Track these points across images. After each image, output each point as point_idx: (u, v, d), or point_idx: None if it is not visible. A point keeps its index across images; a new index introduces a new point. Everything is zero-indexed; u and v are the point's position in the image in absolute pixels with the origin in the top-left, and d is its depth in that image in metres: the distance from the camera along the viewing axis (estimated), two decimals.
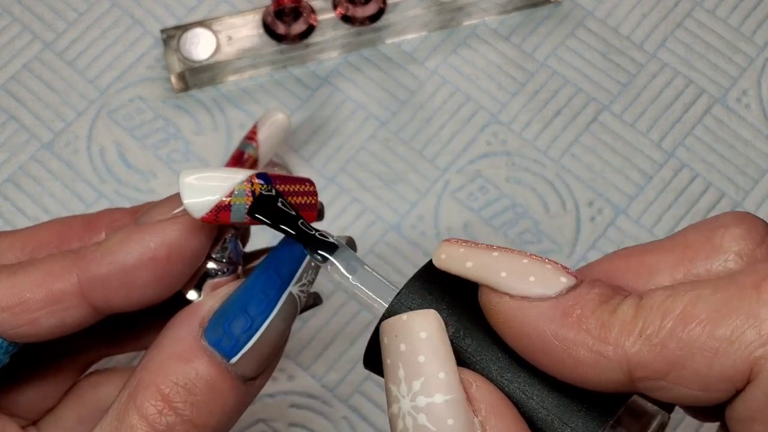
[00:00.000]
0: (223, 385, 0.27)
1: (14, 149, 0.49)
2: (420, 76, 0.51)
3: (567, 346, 0.23)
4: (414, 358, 0.23)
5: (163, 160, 0.49)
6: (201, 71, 0.49)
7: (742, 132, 0.50)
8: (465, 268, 0.25)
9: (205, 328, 0.27)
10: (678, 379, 0.22)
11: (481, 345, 0.24)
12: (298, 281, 0.28)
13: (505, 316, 0.24)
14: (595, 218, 0.48)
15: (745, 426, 0.22)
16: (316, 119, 0.50)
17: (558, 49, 0.51)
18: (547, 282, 0.24)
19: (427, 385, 0.23)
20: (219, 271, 0.29)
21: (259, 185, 0.27)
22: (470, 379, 0.23)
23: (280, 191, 0.28)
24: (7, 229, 0.47)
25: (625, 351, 0.22)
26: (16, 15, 0.51)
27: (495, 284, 0.24)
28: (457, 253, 0.25)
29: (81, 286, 0.27)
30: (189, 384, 0.26)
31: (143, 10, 0.52)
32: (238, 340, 0.27)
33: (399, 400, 0.23)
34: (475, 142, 0.49)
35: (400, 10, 0.50)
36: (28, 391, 0.31)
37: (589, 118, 0.50)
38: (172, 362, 0.26)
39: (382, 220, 0.48)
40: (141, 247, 0.27)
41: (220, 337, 0.27)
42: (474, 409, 0.23)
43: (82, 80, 0.50)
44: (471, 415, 0.22)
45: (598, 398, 0.24)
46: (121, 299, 0.28)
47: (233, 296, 0.28)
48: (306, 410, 0.45)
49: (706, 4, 0.52)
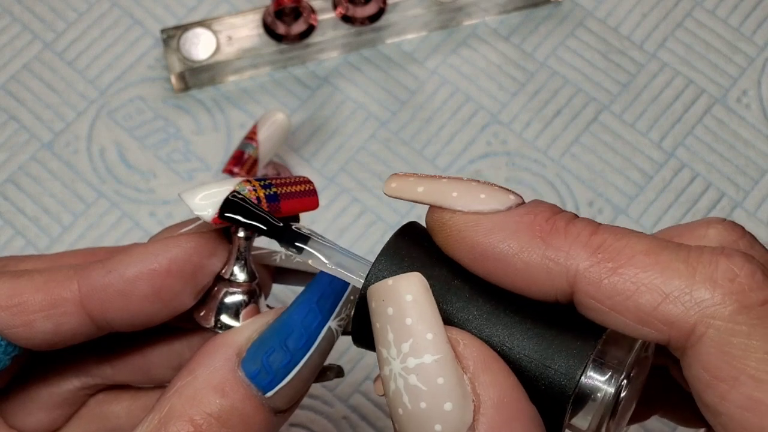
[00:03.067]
0: (256, 418, 0.26)
1: (14, 149, 0.49)
2: (420, 76, 0.51)
3: (518, 251, 0.24)
4: (402, 321, 0.23)
5: (163, 160, 0.49)
6: (201, 71, 0.49)
7: (742, 132, 0.50)
8: (416, 193, 0.26)
9: (243, 358, 0.27)
10: (617, 306, 0.23)
11: (460, 303, 0.25)
12: (337, 316, 0.28)
13: (458, 230, 0.25)
14: (595, 218, 0.48)
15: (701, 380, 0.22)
16: (316, 119, 0.50)
17: (558, 49, 0.51)
18: (498, 198, 0.25)
19: (415, 347, 0.23)
20: (237, 293, 0.29)
21: (258, 183, 0.28)
22: (457, 337, 0.24)
23: (276, 184, 0.28)
24: (7, 229, 0.47)
25: (576, 262, 0.23)
26: (16, 15, 0.51)
27: (447, 204, 0.25)
28: (407, 181, 0.26)
29: (80, 293, 0.28)
30: (223, 417, 0.26)
31: (143, 10, 0.52)
32: (276, 374, 0.26)
33: (390, 362, 0.23)
34: (475, 142, 0.49)
35: (400, 10, 0.50)
36: (37, 412, 0.31)
37: (589, 118, 0.50)
38: (208, 393, 0.26)
39: (382, 220, 0.48)
40: (141, 259, 0.28)
41: (258, 369, 0.26)
42: (463, 367, 0.23)
43: (82, 80, 0.50)
44: (460, 373, 0.23)
45: (576, 336, 0.24)
46: (118, 310, 0.28)
47: (273, 327, 0.27)
48: (306, 410, 0.45)
49: (707, 4, 0.52)
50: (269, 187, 0.28)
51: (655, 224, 0.48)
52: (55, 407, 0.32)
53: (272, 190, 0.28)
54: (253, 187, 0.27)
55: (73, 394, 0.32)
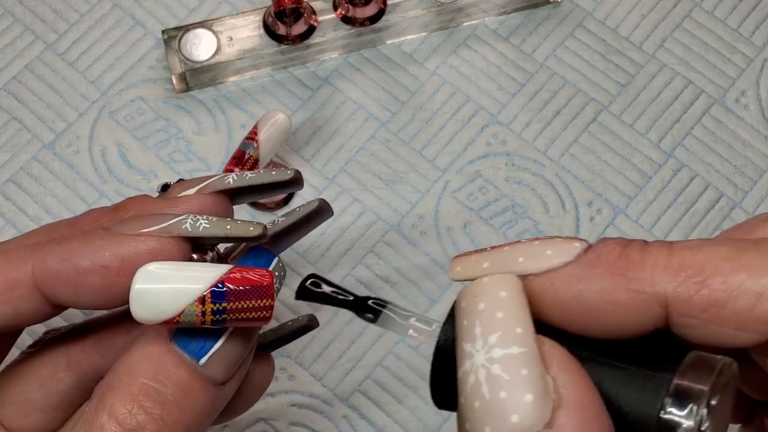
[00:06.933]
0: (193, 385, 0.27)
1: (16, 149, 0.49)
2: (420, 76, 0.51)
3: (603, 295, 0.23)
4: (492, 315, 0.23)
5: (165, 161, 0.49)
6: (202, 72, 0.49)
7: (740, 132, 0.50)
8: (482, 269, 0.25)
9: (173, 332, 0.27)
10: (713, 318, 0.23)
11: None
12: None
13: (536, 293, 0.24)
14: (594, 218, 0.48)
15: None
16: (316, 120, 0.50)
17: (557, 49, 0.51)
18: (564, 250, 0.25)
19: (503, 338, 0.23)
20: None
21: (210, 306, 0.27)
22: (543, 339, 0.24)
23: (230, 310, 0.27)
24: (9, 229, 0.47)
25: (662, 287, 0.23)
26: (18, 16, 0.51)
27: (517, 271, 0.25)
28: (470, 260, 0.26)
29: (33, 276, 0.28)
30: (158, 384, 0.27)
31: (144, 11, 0.52)
32: (206, 341, 0.27)
33: (473, 355, 0.23)
34: (475, 142, 0.50)
35: (400, 11, 0.50)
36: (32, 414, 0.32)
37: (589, 119, 0.50)
38: (141, 364, 0.27)
39: (382, 220, 0.48)
40: (96, 254, 0.28)
41: (188, 338, 0.27)
42: (546, 366, 0.23)
43: (83, 81, 0.50)
44: (543, 370, 0.23)
45: (655, 369, 0.24)
46: (69, 296, 0.28)
47: None
48: (306, 409, 0.45)
49: (705, 5, 0.52)
50: (221, 313, 0.27)
51: (654, 224, 0.48)
52: (51, 409, 0.32)
53: (222, 317, 0.27)
54: (202, 311, 0.27)
55: (68, 396, 0.32)
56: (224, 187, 0.31)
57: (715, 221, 0.48)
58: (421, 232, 0.48)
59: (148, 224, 0.28)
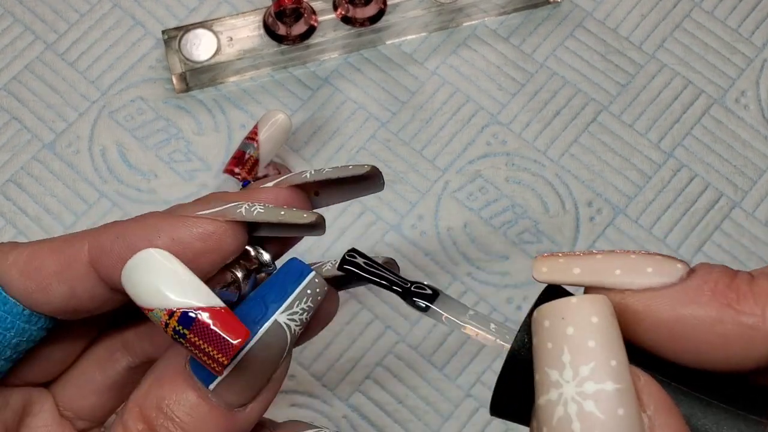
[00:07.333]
0: (202, 409, 0.27)
1: (16, 149, 0.49)
2: (420, 76, 0.51)
3: (710, 325, 0.22)
4: (583, 343, 0.22)
5: (165, 161, 0.49)
6: (202, 72, 0.49)
7: (740, 132, 0.50)
8: (573, 275, 0.24)
9: (189, 356, 0.27)
10: None
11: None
12: (287, 310, 0.27)
13: (631, 311, 0.23)
14: (594, 218, 0.48)
15: None
16: (316, 120, 0.50)
17: (557, 49, 0.51)
18: (666, 270, 0.23)
19: (597, 371, 0.21)
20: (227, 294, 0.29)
21: (174, 324, 0.26)
22: (637, 372, 0.22)
23: (189, 340, 0.26)
24: (9, 229, 0.47)
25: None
26: (18, 16, 0.52)
27: (612, 283, 0.23)
28: (558, 263, 0.24)
29: (89, 255, 0.28)
30: (169, 407, 0.27)
31: (144, 11, 0.52)
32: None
33: (561, 385, 0.22)
34: (475, 142, 0.50)
35: (400, 11, 0.50)
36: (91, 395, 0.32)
37: (589, 119, 0.50)
38: (155, 386, 0.27)
39: (382, 220, 0.48)
40: (149, 232, 0.28)
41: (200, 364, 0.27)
42: (642, 404, 0.22)
43: (83, 81, 0.50)
44: (639, 409, 0.22)
45: (749, 402, 0.23)
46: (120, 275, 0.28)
47: None
48: (306, 409, 0.45)
49: (705, 5, 0.52)
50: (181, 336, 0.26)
51: (654, 224, 0.48)
52: (107, 390, 0.32)
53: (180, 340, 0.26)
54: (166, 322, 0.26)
55: (123, 376, 0.32)
56: (301, 181, 0.30)
57: (714, 221, 0.48)
58: (421, 232, 0.48)
59: (204, 207, 0.28)
